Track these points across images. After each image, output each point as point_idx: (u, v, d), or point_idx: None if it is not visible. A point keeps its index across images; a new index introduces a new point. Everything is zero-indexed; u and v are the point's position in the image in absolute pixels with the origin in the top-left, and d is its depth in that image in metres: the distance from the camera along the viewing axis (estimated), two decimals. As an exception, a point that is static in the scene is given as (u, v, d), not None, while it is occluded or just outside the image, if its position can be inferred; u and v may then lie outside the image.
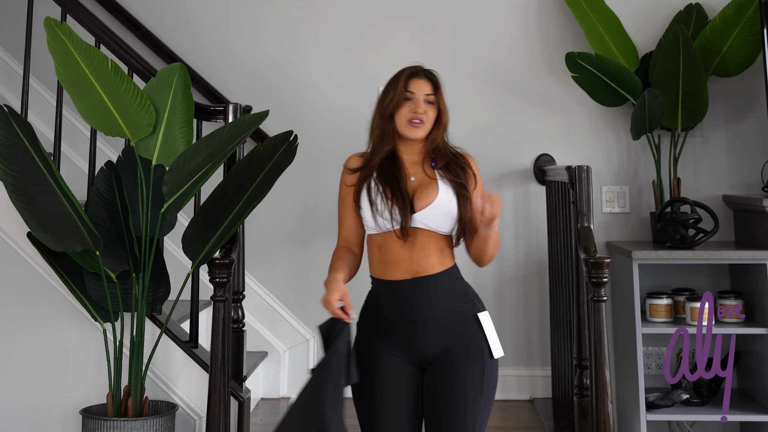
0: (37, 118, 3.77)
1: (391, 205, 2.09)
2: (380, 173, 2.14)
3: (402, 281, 2.09)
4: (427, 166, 2.17)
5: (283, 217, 3.81)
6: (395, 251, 2.09)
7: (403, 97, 2.15)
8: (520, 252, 3.76)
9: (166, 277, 2.85)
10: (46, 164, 2.63)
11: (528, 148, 3.78)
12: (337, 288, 2.03)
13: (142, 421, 2.69)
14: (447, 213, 2.10)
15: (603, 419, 2.50)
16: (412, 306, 2.08)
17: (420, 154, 2.19)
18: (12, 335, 2.94)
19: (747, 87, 3.70)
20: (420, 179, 2.15)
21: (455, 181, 2.14)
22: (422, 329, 2.07)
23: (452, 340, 2.07)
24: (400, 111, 2.15)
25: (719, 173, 3.72)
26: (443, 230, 2.12)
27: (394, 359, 2.08)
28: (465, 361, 2.06)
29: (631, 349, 3.31)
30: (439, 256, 2.11)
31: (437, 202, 2.10)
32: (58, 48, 2.68)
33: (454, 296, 2.11)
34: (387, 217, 2.09)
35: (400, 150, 2.19)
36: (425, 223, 2.09)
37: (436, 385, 2.06)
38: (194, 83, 3.62)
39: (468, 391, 2.04)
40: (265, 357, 3.68)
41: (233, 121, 2.73)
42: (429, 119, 2.15)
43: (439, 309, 2.08)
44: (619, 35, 3.67)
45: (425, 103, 2.15)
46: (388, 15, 3.87)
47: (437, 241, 2.11)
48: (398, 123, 2.15)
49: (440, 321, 2.08)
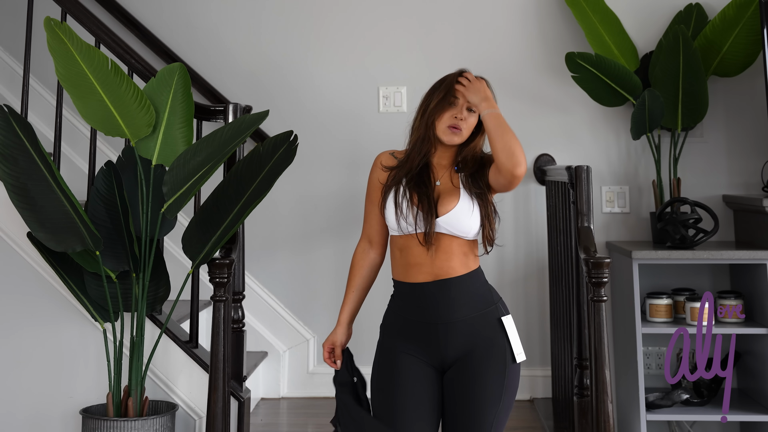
0: (37, 118, 3.77)
1: (416, 211, 2.09)
2: (410, 177, 2.14)
3: (424, 284, 2.09)
4: (453, 172, 2.17)
5: (283, 217, 3.81)
6: (417, 254, 2.09)
7: (447, 102, 2.13)
8: (520, 252, 3.76)
9: (166, 277, 2.85)
10: (46, 164, 2.63)
11: (528, 148, 3.74)
12: (331, 336, 2.23)
13: (142, 421, 2.69)
14: (467, 220, 2.09)
15: (603, 419, 2.50)
16: (435, 309, 2.07)
17: (449, 159, 2.18)
18: (12, 335, 2.94)
19: (747, 87, 3.70)
20: (444, 184, 2.15)
21: (477, 190, 2.12)
22: (444, 332, 2.07)
23: (474, 343, 2.07)
24: (442, 116, 2.13)
25: (719, 173, 3.72)
26: (466, 236, 2.10)
27: (414, 360, 2.09)
28: (486, 365, 2.06)
29: (631, 349, 3.31)
30: (462, 259, 2.10)
31: (457, 209, 2.09)
32: (58, 48, 2.68)
33: (477, 299, 2.10)
34: (411, 222, 2.09)
35: (434, 153, 2.17)
36: (447, 229, 2.08)
37: (457, 386, 2.06)
38: (194, 83, 3.62)
39: (488, 394, 2.04)
40: (265, 357, 3.68)
41: (233, 121, 2.73)
42: (467, 127, 2.13)
43: (461, 312, 2.07)
44: (619, 35, 3.67)
45: (467, 110, 2.13)
46: (388, 15, 3.87)
47: (460, 245, 2.10)
48: (438, 127, 2.13)
49: (463, 324, 2.07)
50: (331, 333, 2.24)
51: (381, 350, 2.16)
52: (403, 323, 2.12)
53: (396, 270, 2.15)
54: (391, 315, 2.16)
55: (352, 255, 2.27)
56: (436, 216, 2.08)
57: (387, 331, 2.16)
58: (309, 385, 3.70)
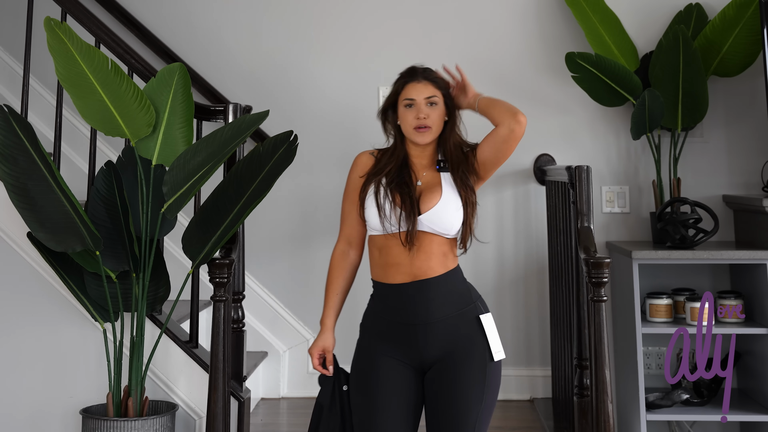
0: (37, 118, 3.77)
1: (399, 211, 2.07)
2: (390, 177, 2.13)
3: (402, 284, 2.08)
4: (434, 169, 2.16)
5: (283, 217, 3.81)
6: (396, 254, 2.08)
7: (403, 106, 2.13)
8: (520, 252, 3.76)
9: (166, 277, 2.85)
10: (46, 164, 2.63)
11: (528, 148, 3.77)
12: (320, 342, 2.16)
13: (142, 421, 2.69)
14: (450, 216, 2.08)
15: (603, 419, 2.50)
16: (413, 309, 2.06)
17: (430, 157, 2.17)
18: (12, 335, 2.94)
19: (747, 87, 3.70)
20: (426, 182, 2.14)
21: (461, 184, 2.11)
22: (423, 333, 2.06)
23: (454, 343, 2.06)
24: (403, 119, 2.13)
25: (719, 173, 3.72)
26: (447, 234, 2.10)
27: (393, 362, 2.07)
28: (466, 364, 2.05)
29: (631, 349, 3.31)
30: (441, 259, 2.09)
31: (439, 206, 2.08)
32: (58, 48, 2.68)
33: (456, 299, 2.09)
34: (394, 222, 2.07)
35: (411, 154, 2.17)
36: (429, 226, 2.07)
37: (438, 387, 2.05)
38: (194, 83, 3.62)
39: (470, 394, 2.03)
40: (265, 357, 3.68)
41: (233, 121, 2.73)
42: (434, 122, 2.12)
43: (440, 312, 2.07)
44: (619, 35, 3.67)
45: (427, 106, 2.12)
46: (389, 15, 3.87)
47: (440, 244, 2.10)
48: (405, 131, 2.13)
49: (442, 324, 2.06)
50: (318, 338, 2.17)
51: (360, 351, 2.14)
52: (383, 325, 2.10)
53: (375, 270, 2.14)
54: (371, 316, 2.15)
55: (331, 257, 2.23)
56: (419, 214, 2.07)
57: (367, 332, 2.15)
58: (309, 385, 3.70)
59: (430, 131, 2.11)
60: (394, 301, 2.08)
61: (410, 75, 2.16)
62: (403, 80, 2.16)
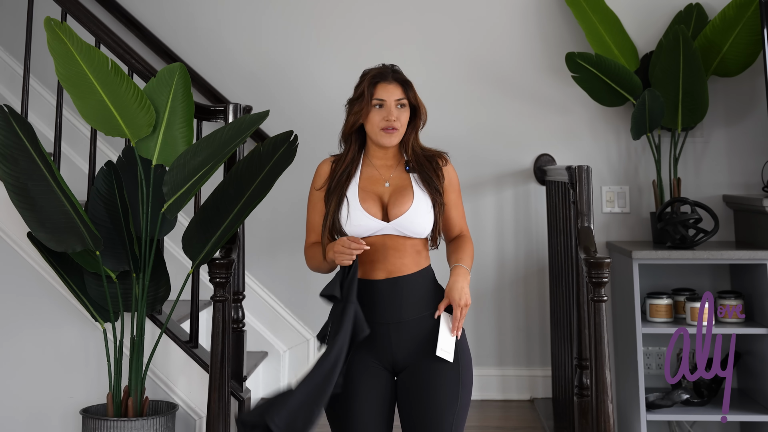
0: (37, 118, 3.77)
1: (366, 214, 2.06)
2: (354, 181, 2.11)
3: (376, 281, 2.07)
4: (402, 171, 2.14)
5: (283, 217, 3.81)
6: (369, 252, 2.05)
7: (372, 106, 2.11)
8: (520, 252, 3.76)
9: (166, 277, 2.85)
10: (46, 164, 2.63)
11: (528, 148, 3.78)
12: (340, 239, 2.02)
13: (143, 421, 2.69)
14: (422, 220, 2.07)
15: (603, 419, 2.50)
16: (385, 308, 2.05)
17: (394, 159, 2.15)
18: (12, 335, 2.94)
19: (747, 87, 3.70)
20: (394, 185, 2.12)
21: (430, 186, 2.10)
22: (395, 332, 2.05)
23: (424, 343, 2.05)
24: (371, 119, 2.10)
25: (719, 173, 3.72)
26: (419, 236, 2.09)
27: (365, 363, 2.05)
28: (439, 366, 2.03)
29: (631, 349, 3.31)
30: (414, 257, 2.08)
31: (412, 209, 2.07)
32: (58, 48, 2.68)
33: (428, 298, 2.08)
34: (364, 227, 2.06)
35: (374, 155, 2.14)
36: (400, 231, 2.06)
37: (412, 390, 2.03)
38: (194, 83, 3.62)
39: (445, 396, 2.01)
40: (265, 357, 3.68)
41: (233, 121, 2.73)
42: (402, 124, 2.10)
43: (411, 311, 2.06)
44: (619, 35, 3.67)
45: (397, 108, 2.10)
46: (390, 15, 3.87)
47: (413, 243, 2.09)
48: (370, 131, 2.11)
49: (412, 324, 2.05)
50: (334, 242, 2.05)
51: None
52: None
53: None
54: None
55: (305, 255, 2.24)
56: (387, 219, 2.06)
57: None
58: (309, 385, 3.69)
59: (398, 133, 2.10)
60: (366, 298, 2.05)
61: (381, 75, 2.13)
62: (374, 80, 2.13)
